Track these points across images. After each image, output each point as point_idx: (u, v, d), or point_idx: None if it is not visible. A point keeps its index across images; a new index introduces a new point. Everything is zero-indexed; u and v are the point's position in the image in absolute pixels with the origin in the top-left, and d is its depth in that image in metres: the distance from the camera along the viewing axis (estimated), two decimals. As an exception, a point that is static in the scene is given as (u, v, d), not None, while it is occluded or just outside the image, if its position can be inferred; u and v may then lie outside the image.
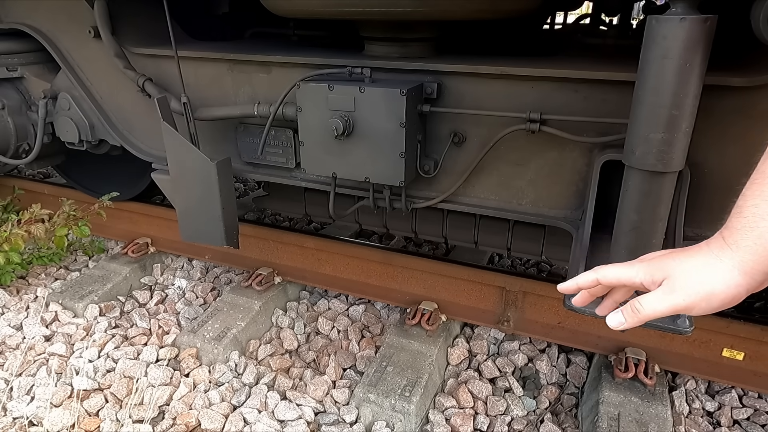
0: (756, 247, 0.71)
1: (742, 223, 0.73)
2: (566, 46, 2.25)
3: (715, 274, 0.75)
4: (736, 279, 0.74)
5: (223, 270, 2.82)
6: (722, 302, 0.76)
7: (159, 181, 2.02)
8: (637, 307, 0.81)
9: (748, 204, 0.72)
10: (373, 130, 1.57)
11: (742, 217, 0.73)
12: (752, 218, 0.71)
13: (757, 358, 1.91)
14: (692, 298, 0.76)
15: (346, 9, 1.57)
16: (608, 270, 0.87)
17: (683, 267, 0.78)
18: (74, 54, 2.20)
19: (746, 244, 0.72)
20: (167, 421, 1.88)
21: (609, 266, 0.88)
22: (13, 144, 2.39)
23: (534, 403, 2.01)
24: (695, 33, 1.06)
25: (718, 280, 0.75)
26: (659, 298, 0.79)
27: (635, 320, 0.82)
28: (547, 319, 2.14)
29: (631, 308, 0.82)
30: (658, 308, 0.79)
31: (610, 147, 1.45)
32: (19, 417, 1.88)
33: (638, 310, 0.81)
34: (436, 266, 2.29)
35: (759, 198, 0.70)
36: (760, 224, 0.70)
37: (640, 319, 0.81)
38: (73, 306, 2.47)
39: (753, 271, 0.73)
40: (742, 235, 0.73)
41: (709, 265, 0.76)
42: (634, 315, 0.81)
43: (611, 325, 0.86)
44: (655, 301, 0.79)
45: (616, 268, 0.87)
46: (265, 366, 2.16)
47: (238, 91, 1.93)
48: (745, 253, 0.72)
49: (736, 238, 0.73)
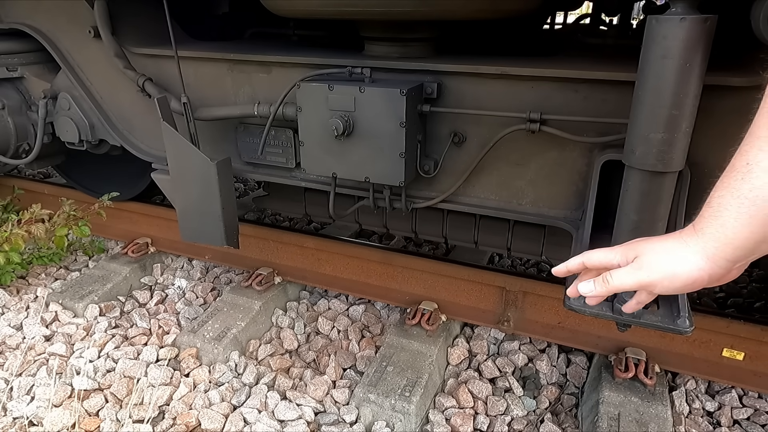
0: (718, 235, 0.76)
1: (708, 213, 0.78)
2: (566, 46, 2.25)
3: (680, 256, 0.81)
4: (698, 263, 0.79)
5: (223, 270, 2.82)
6: (684, 283, 0.81)
7: (159, 181, 2.02)
8: (607, 278, 0.89)
9: (716, 195, 0.77)
10: (373, 130, 1.57)
11: (709, 207, 0.78)
12: (717, 208, 0.76)
13: (757, 358, 1.91)
14: (656, 275, 0.83)
15: (346, 9, 1.57)
16: (592, 254, 0.96)
17: (653, 248, 0.86)
18: (74, 54, 2.20)
19: (710, 231, 0.77)
20: (167, 421, 1.89)
21: (593, 250, 0.96)
22: (13, 144, 2.39)
23: (534, 403, 2.01)
24: (695, 33, 1.06)
25: (682, 263, 0.81)
26: (627, 272, 0.87)
27: (604, 290, 0.90)
28: (547, 319, 2.14)
29: (602, 279, 0.90)
30: (625, 281, 0.87)
31: (610, 147, 1.45)
32: (19, 417, 1.88)
33: (608, 281, 0.89)
34: (436, 266, 2.29)
35: (725, 189, 0.75)
36: (723, 213, 0.75)
37: (608, 289, 0.89)
38: (73, 306, 2.47)
39: (715, 257, 0.78)
40: (707, 223, 0.78)
41: (677, 249, 0.82)
42: (604, 285, 0.89)
43: (581, 291, 0.95)
44: (623, 274, 0.87)
45: (599, 251, 0.95)
46: (265, 366, 2.16)
47: (238, 91, 1.93)
48: (709, 240, 0.78)
49: (702, 225, 0.79)
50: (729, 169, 0.76)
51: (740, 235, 0.74)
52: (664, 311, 1.20)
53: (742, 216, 0.73)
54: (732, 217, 0.74)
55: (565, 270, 1.01)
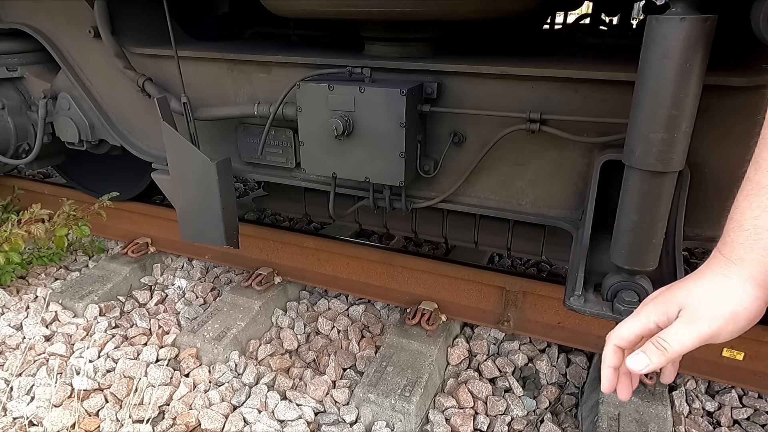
0: (763, 259, 0.70)
1: (744, 237, 0.71)
2: (566, 46, 2.25)
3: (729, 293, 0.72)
4: (752, 293, 0.71)
5: (223, 270, 2.82)
6: (747, 320, 0.73)
7: (159, 181, 2.02)
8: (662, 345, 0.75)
9: (747, 216, 0.70)
10: (373, 130, 1.57)
11: (743, 231, 0.70)
12: (754, 230, 0.69)
13: (757, 358, 1.91)
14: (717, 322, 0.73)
15: (346, 9, 1.56)
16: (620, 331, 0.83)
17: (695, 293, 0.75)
18: (74, 54, 2.20)
19: (752, 257, 0.70)
20: (167, 421, 1.88)
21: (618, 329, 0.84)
22: (13, 144, 2.39)
23: (534, 403, 2.01)
24: (695, 33, 1.06)
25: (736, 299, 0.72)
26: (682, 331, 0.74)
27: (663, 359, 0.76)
28: (547, 319, 2.14)
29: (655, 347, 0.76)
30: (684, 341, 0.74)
31: (610, 147, 1.45)
32: (19, 417, 1.88)
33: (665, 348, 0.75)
34: (436, 266, 2.29)
35: (758, 209, 0.68)
36: (763, 235, 0.69)
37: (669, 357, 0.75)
38: (73, 306, 2.47)
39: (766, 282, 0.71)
40: (746, 249, 0.70)
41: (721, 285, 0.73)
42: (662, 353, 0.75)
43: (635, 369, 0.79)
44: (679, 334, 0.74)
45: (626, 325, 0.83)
46: (265, 366, 2.16)
47: (238, 91, 1.93)
48: (754, 266, 0.70)
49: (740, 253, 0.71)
50: (752, 186, 0.69)
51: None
52: None
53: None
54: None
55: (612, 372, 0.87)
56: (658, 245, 1.29)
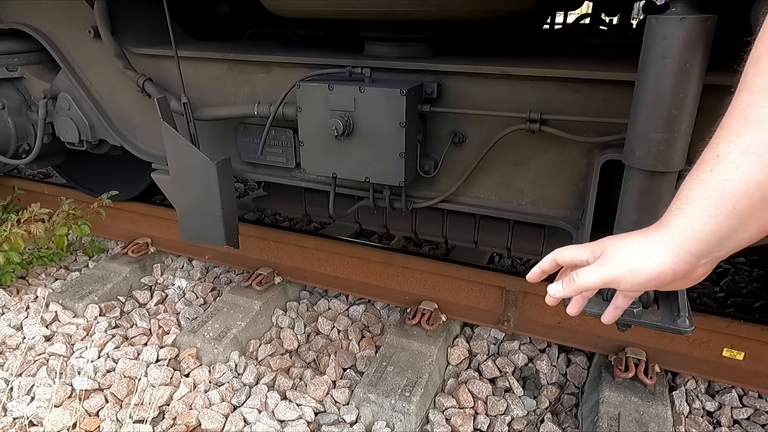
0: (683, 227, 0.74)
1: (676, 206, 0.75)
2: (566, 46, 2.25)
3: (643, 251, 0.79)
4: (662, 257, 0.77)
5: (223, 270, 2.82)
6: (647, 278, 0.78)
7: (159, 181, 2.02)
8: (574, 277, 0.87)
9: (684, 188, 0.75)
10: (373, 130, 1.57)
11: (677, 200, 0.75)
12: (684, 200, 0.74)
13: (757, 358, 1.91)
14: (619, 271, 0.81)
15: (346, 9, 1.57)
16: (563, 250, 0.94)
17: (618, 244, 0.84)
18: (74, 54, 2.20)
19: (675, 224, 0.75)
20: (167, 421, 1.89)
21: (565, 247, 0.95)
22: (13, 144, 2.39)
23: (534, 403, 2.01)
24: (695, 33, 1.06)
25: (645, 257, 0.78)
26: (592, 269, 0.85)
27: (570, 289, 0.89)
28: (547, 319, 2.14)
29: (569, 278, 0.89)
30: (590, 278, 0.85)
31: (611, 147, 1.45)
32: (19, 417, 1.88)
33: (574, 280, 0.87)
34: (436, 266, 2.29)
35: (693, 182, 0.73)
36: (690, 206, 0.73)
37: (575, 288, 0.88)
38: (73, 306, 2.47)
39: (679, 251, 0.75)
40: (674, 215, 0.76)
41: (641, 243, 0.80)
42: (570, 284, 0.88)
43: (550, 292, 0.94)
44: (588, 272, 0.85)
45: (570, 248, 0.93)
46: (265, 366, 2.16)
47: (238, 91, 1.93)
48: (674, 233, 0.75)
49: (669, 218, 0.77)
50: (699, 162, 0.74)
51: (705, 227, 0.71)
52: (664, 311, 1.20)
53: (708, 208, 0.70)
54: (698, 209, 0.71)
55: (539, 272, 1.00)
56: (658, 245, 1.28)
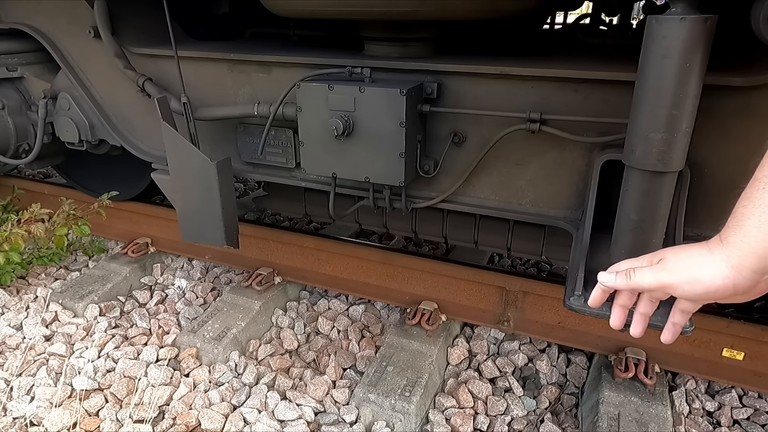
0: (742, 244, 0.77)
1: (733, 223, 0.79)
2: (566, 46, 2.25)
3: (703, 263, 0.82)
4: (723, 271, 0.80)
5: (223, 270, 2.82)
6: (706, 289, 0.82)
7: (159, 181, 2.02)
8: (630, 273, 0.91)
9: (740, 206, 0.78)
10: (373, 130, 1.57)
11: (733, 217, 0.79)
12: (740, 218, 0.77)
13: (757, 358, 1.91)
14: (678, 277, 0.84)
15: (346, 9, 1.56)
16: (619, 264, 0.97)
17: (678, 253, 0.88)
18: (74, 54, 2.20)
19: (734, 240, 0.78)
20: (167, 421, 1.88)
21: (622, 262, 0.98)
22: (13, 144, 2.39)
23: (534, 403, 2.01)
24: (695, 33, 1.06)
25: (705, 269, 0.81)
26: (650, 270, 0.89)
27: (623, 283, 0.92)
28: (547, 318, 2.14)
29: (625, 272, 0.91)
30: (646, 278, 0.89)
31: (611, 147, 1.45)
32: (19, 417, 1.88)
33: (629, 276, 0.90)
34: (436, 266, 2.29)
35: (748, 200, 0.77)
36: (746, 223, 0.76)
37: (628, 284, 0.91)
38: (73, 306, 2.47)
39: (739, 266, 0.78)
40: (731, 232, 0.79)
41: (701, 256, 0.83)
42: (625, 279, 0.91)
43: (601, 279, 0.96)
44: (646, 272, 0.89)
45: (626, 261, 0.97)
46: (265, 366, 2.16)
47: (238, 91, 1.93)
48: (733, 249, 0.79)
49: (727, 235, 0.80)
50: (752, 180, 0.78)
51: (763, 244, 0.75)
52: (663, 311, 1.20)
53: (763, 225, 0.74)
54: (754, 227, 0.75)
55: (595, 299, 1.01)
56: (658, 245, 1.29)
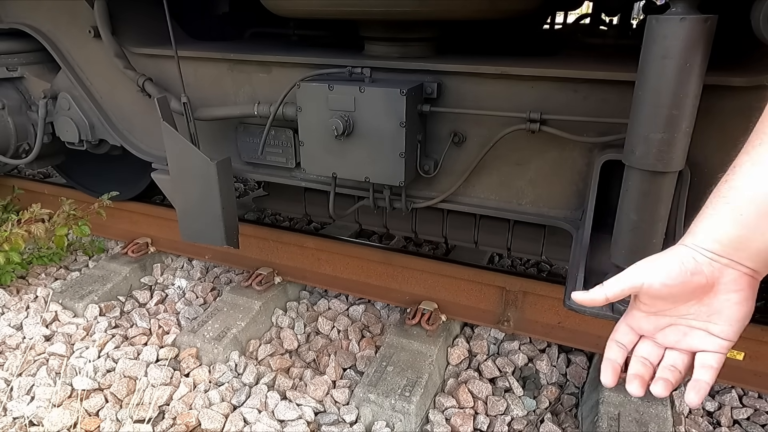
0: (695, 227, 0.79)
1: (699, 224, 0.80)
2: (566, 46, 2.24)
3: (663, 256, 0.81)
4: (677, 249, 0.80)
5: (223, 270, 2.82)
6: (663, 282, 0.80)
7: (159, 181, 2.02)
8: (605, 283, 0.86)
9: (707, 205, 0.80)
10: (373, 130, 1.57)
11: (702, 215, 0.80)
12: (702, 208, 0.80)
13: (757, 358, 1.91)
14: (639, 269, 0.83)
15: (346, 9, 1.57)
16: None
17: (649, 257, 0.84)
18: (74, 54, 2.20)
19: (692, 229, 0.80)
20: (167, 421, 1.89)
21: None
22: (13, 144, 2.39)
23: (534, 403, 2.01)
24: (695, 33, 1.06)
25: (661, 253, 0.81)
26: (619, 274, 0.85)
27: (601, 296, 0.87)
28: (547, 319, 2.14)
29: (598, 286, 0.86)
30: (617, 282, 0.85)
31: (611, 147, 1.45)
32: (19, 417, 1.88)
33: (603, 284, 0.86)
34: (436, 266, 2.29)
35: (712, 193, 0.80)
36: (704, 212, 0.80)
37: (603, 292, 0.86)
38: (73, 306, 2.47)
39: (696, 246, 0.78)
40: (693, 223, 0.81)
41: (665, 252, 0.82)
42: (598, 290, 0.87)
43: (574, 297, 0.91)
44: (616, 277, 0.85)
45: None
46: (265, 366, 2.16)
47: (238, 91, 1.93)
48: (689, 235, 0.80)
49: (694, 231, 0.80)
50: None
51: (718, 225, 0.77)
52: None
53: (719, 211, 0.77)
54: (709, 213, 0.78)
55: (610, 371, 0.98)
56: (658, 245, 1.29)
